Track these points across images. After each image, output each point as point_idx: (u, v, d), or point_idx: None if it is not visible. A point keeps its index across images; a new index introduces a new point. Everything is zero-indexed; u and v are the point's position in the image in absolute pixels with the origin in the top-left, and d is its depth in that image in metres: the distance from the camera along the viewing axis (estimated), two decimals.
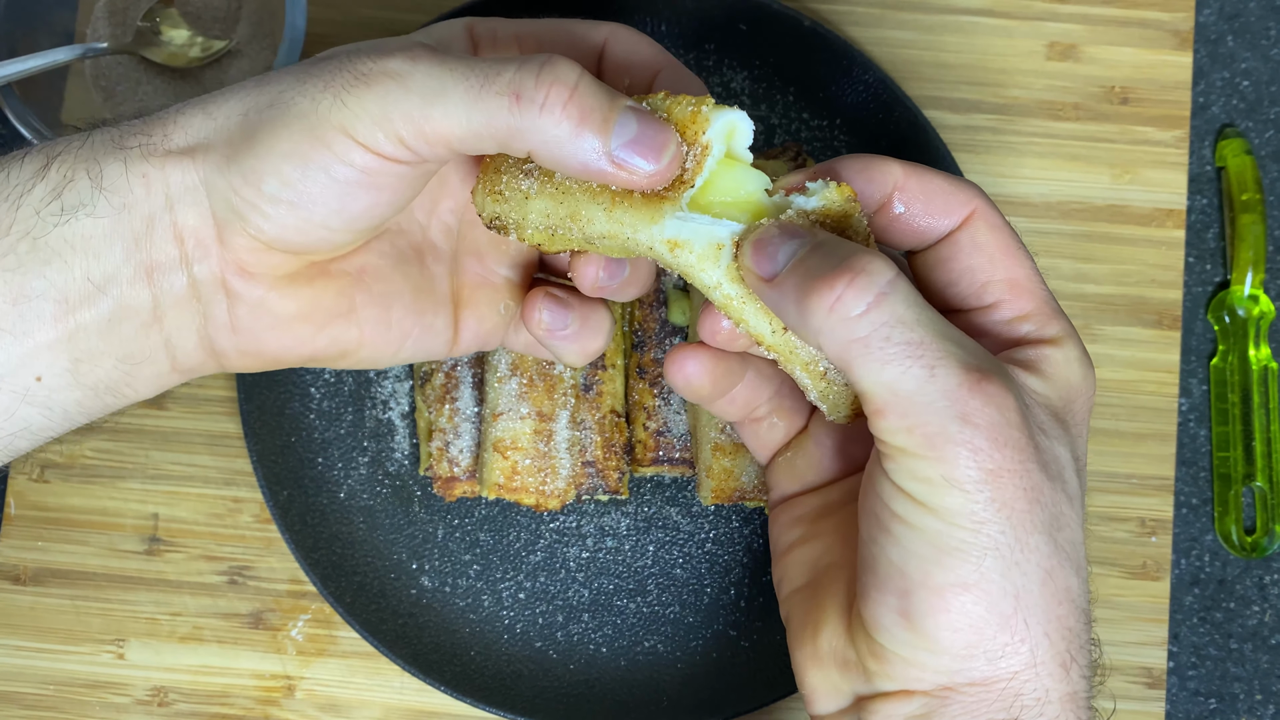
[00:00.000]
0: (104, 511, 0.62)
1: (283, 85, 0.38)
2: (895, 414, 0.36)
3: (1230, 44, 0.67)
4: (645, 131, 0.37)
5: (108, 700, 0.61)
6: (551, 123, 0.36)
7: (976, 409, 0.35)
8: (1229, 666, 0.63)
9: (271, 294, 0.40)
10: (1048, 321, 0.40)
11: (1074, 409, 0.39)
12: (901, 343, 0.35)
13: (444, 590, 0.60)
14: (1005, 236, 0.40)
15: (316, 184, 0.37)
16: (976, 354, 0.37)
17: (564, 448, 0.57)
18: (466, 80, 0.36)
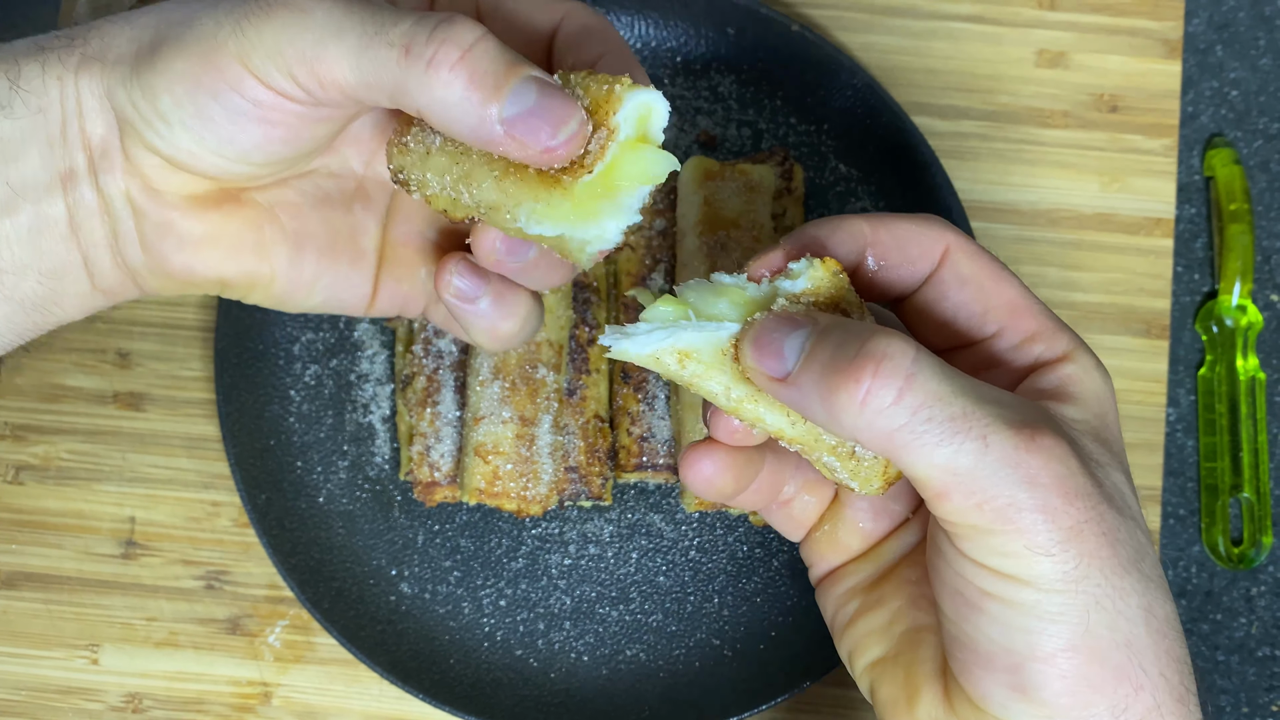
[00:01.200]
0: (79, 514, 0.61)
1: (196, 5, 0.38)
2: (960, 494, 0.34)
3: (1219, 54, 0.67)
4: (545, 103, 0.35)
5: (81, 706, 0.60)
6: (439, 82, 0.35)
7: (1039, 468, 0.34)
8: (1215, 679, 0.62)
9: (177, 214, 0.39)
10: (1055, 337, 0.39)
11: (1109, 423, 0.38)
12: (945, 419, 0.34)
13: (423, 597, 0.60)
14: (986, 262, 0.39)
15: (207, 109, 0.37)
16: (1017, 407, 0.35)
17: (546, 453, 0.56)
18: (363, 25, 0.35)
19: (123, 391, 0.62)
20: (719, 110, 0.62)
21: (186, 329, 0.62)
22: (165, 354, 0.62)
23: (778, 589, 0.59)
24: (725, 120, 0.62)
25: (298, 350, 0.61)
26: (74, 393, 0.62)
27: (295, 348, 0.61)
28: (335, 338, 0.61)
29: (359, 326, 0.61)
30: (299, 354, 0.61)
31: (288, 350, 0.61)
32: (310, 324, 0.61)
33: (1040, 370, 0.39)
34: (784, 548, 0.60)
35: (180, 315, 0.62)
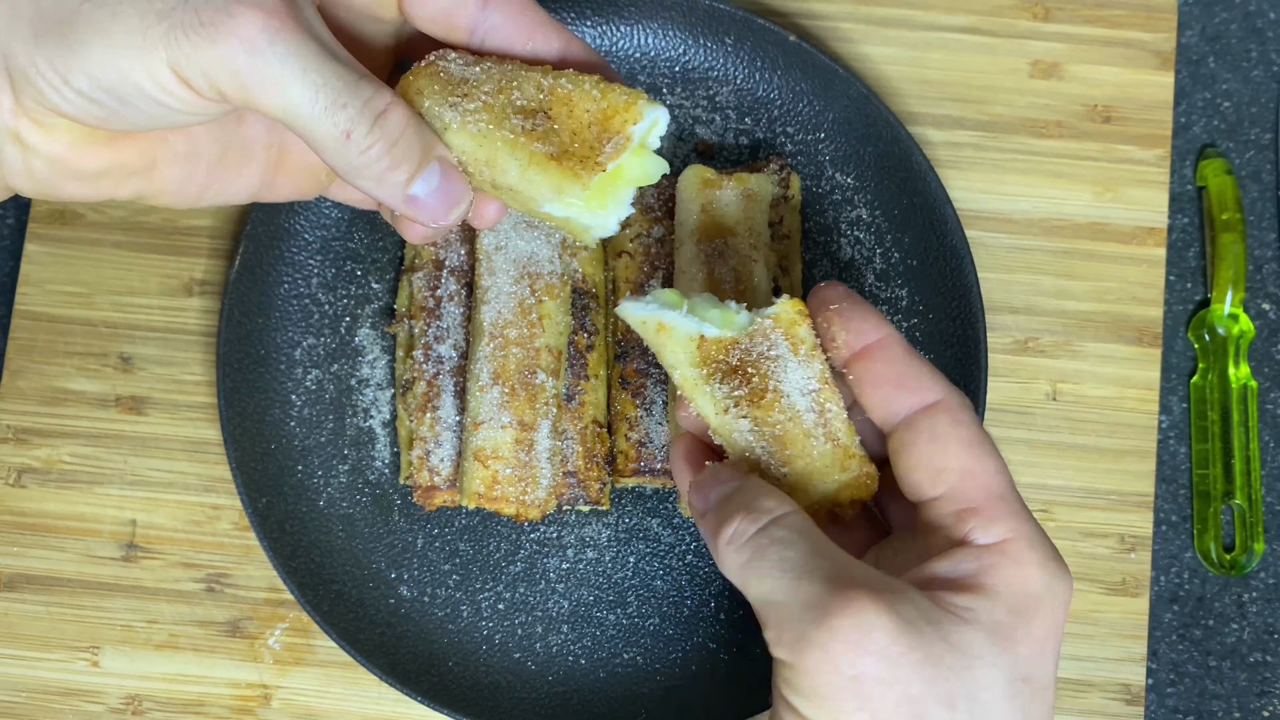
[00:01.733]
0: (81, 517, 0.61)
1: None
2: (771, 624, 0.37)
3: (1212, 65, 0.67)
4: (446, 186, 0.41)
5: (81, 708, 0.60)
6: (366, 167, 0.39)
7: (836, 613, 0.36)
8: (1208, 684, 0.63)
9: (70, 152, 0.40)
10: (997, 521, 0.38)
11: (1028, 623, 0.38)
12: (776, 559, 0.38)
13: (423, 600, 0.60)
14: (969, 431, 0.40)
15: (130, 96, 0.37)
16: (854, 570, 0.37)
17: (545, 457, 0.57)
18: (315, 94, 0.37)
19: (125, 395, 0.62)
20: (716, 119, 0.63)
21: (188, 334, 0.63)
22: (167, 358, 0.63)
23: None
24: (723, 129, 0.63)
25: (299, 355, 0.61)
26: (76, 396, 0.62)
27: (296, 353, 0.61)
28: (336, 343, 0.62)
29: (360, 332, 0.62)
30: (300, 359, 0.61)
31: (289, 355, 0.61)
32: (311, 330, 0.62)
33: (958, 552, 0.39)
34: None
35: (183, 320, 0.63)
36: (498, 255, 0.57)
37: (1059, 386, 0.63)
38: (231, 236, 0.63)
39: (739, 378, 0.43)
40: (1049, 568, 0.38)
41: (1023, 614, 0.37)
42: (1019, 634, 0.37)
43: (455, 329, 0.59)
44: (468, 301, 0.59)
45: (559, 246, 0.58)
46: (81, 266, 0.63)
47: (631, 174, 0.42)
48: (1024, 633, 0.37)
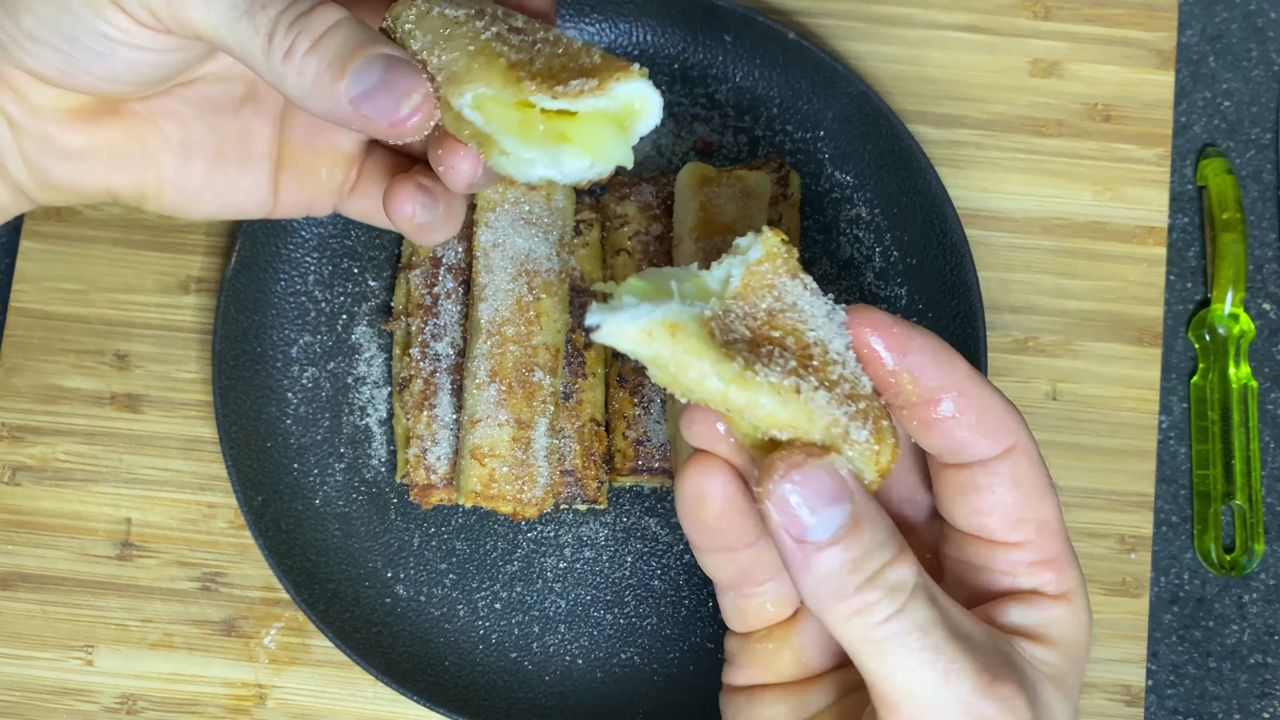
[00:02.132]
0: (76, 515, 0.61)
1: None
2: (908, 715, 0.34)
3: (1212, 64, 0.67)
4: (390, 79, 0.36)
5: (75, 708, 0.60)
6: (293, 69, 0.36)
7: (990, 715, 0.34)
8: (1208, 685, 0.62)
9: (55, 127, 0.39)
10: (1064, 572, 0.38)
11: (1077, 671, 0.38)
12: (918, 648, 0.34)
13: (419, 599, 0.60)
14: (1042, 474, 0.38)
15: (73, 29, 0.37)
16: (988, 650, 0.35)
17: (542, 456, 0.56)
18: (233, 9, 0.36)
19: (120, 393, 0.62)
20: (716, 117, 0.63)
21: (184, 331, 0.63)
22: (163, 356, 0.62)
23: None
24: (722, 127, 0.63)
25: (295, 353, 0.61)
26: (71, 394, 0.62)
27: (293, 350, 0.61)
28: (333, 341, 0.61)
29: (357, 330, 0.62)
30: (296, 356, 0.61)
31: (285, 353, 0.61)
32: (308, 327, 0.61)
33: (1035, 600, 0.38)
34: None
35: (178, 318, 0.63)
36: (495, 253, 0.57)
37: (1059, 386, 0.63)
38: (228, 234, 0.63)
39: (774, 346, 0.34)
40: (1089, 615, 0.39)
41: (1074, 663, 0.38)
42: (1070, 681, 0.38)
43: (452, 327, 0.59)
44: (465, 299, 0.59)
45: (557, 244, 0.58)
46: (78, 263, 0.63)
47: (585, 136, 0.36)
48: (1072, 679, 0.38)
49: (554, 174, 0.36)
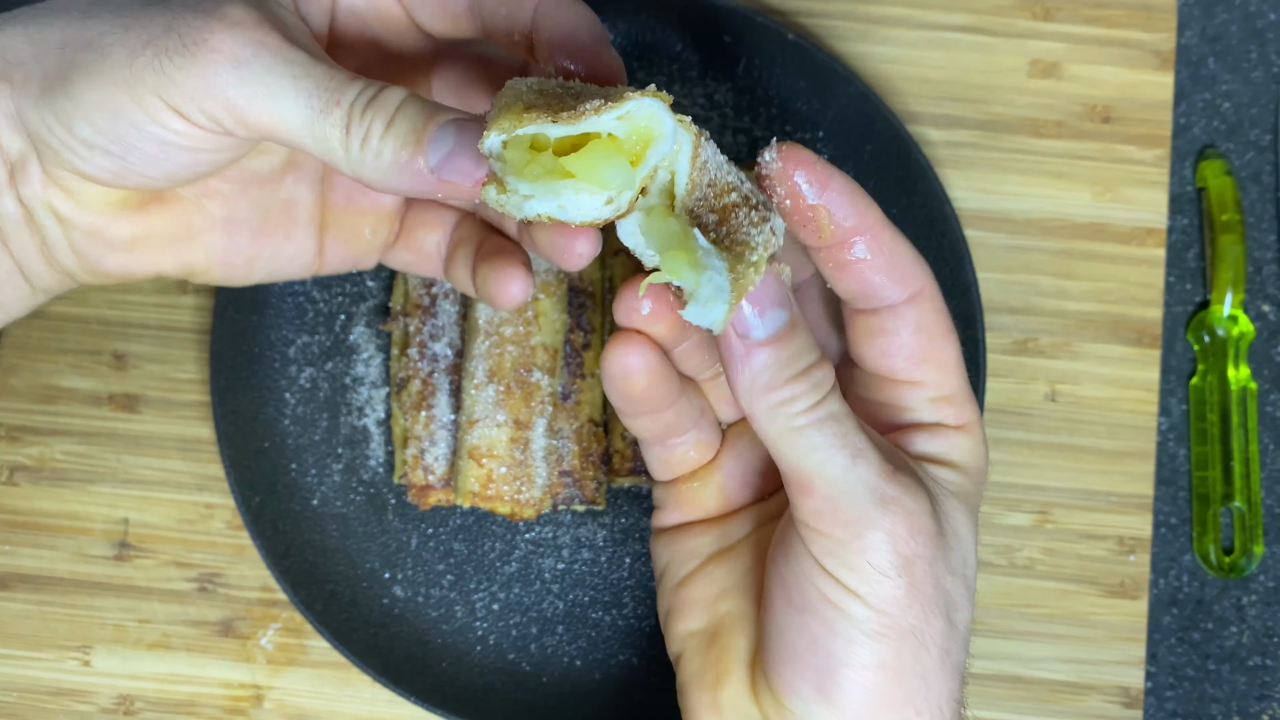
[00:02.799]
0: (73, 516, 0.61)
1: (103, 26, 0.37)
2: (820, 497, 0.38)
3: (1212, 66, 0.67)
4: (462, 139, 0.36)
5: (72, 708, 0.60)
6: (371, 155, 0.36)
7: (893, 497, 0.38)
8: (1206, 688, 0.62)
9: (102, 220, 0.39)
10: (964, 406, 0.42)
11: (978, 489, 0.43)
12: (833, 435, 0.38)
13: (417, 600, 0.60)
14: (945, 319, 0.42)
15: (130, 136, 0.37)
16: (890, 453, 0.40)
17: (540, 456, 0.56)
18: (308, 100, 0.36)
19: (118, 393, 0.62)
20: (714, 118, 0.63)
21: (182, 331, 0.62)
22: (160, 356, 0.62)
23: None
24: (721, 128, 0.63)
25: (293, 353, 0.61)
26: (69, 394, 0.62)
27: (290, 350, 0.61)
28: (331, 341, 0.61)
29: (355, 330, 0.61)
30: (294, 357, 0.61)
31: (283, 353, 0.61)
32: (306, 327, 0.61)
33: (937, 430, 0.42)
34: None
35: (176, 318, 0.63)
36: None
37: (1058, 387, 0.62)
38: None
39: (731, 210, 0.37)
40: (984, 446, 0.43)
41: (977, 483, 0.43)
42: (974, 499, 0.42)
43: (450, 327, 0.59)
44: (463, 299, 0.59)
45: None
46: None
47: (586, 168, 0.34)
48: (973, 500, 0.42)
49: (553, 209, 0.34)
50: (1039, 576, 0.61)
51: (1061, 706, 0.60)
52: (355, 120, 0.36)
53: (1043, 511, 0.61)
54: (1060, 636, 0.61)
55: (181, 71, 0.35)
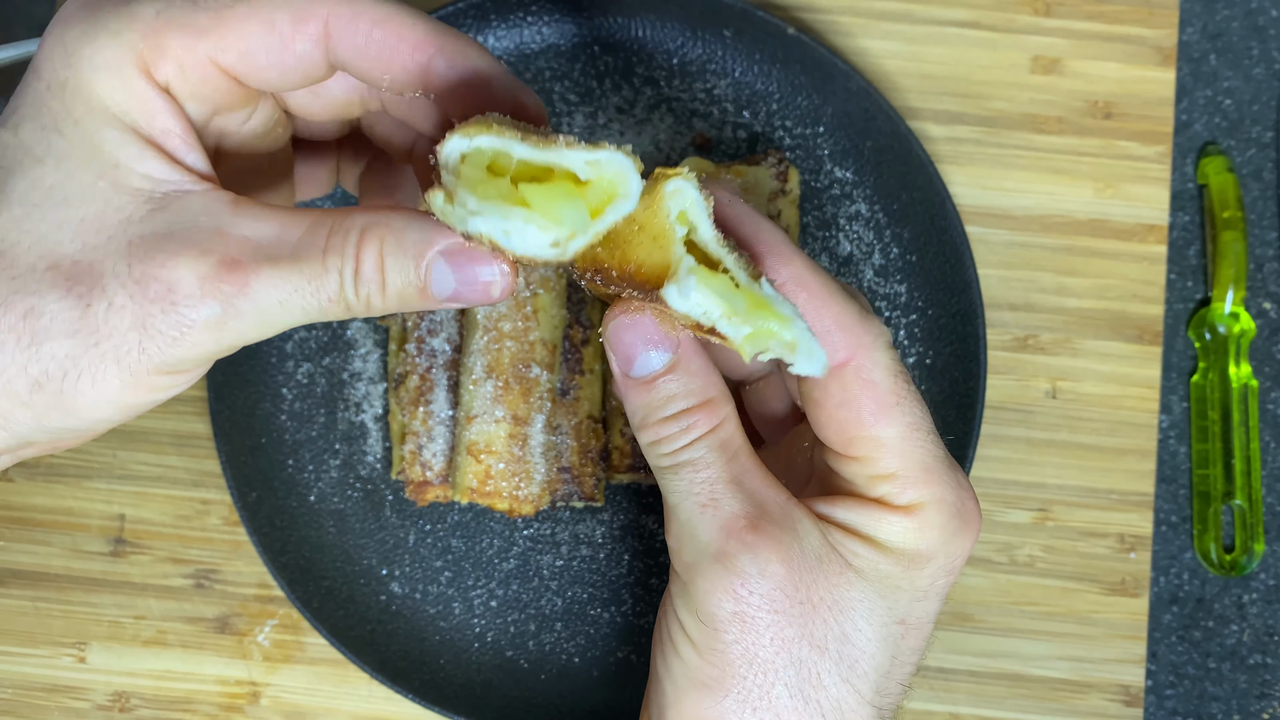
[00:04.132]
0: (69, 511, 0.61)
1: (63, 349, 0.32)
2: (672, 535, 0.38)
3: (1213, 63, 0.67)
4: (462, 273, 0.35)
5: (66, 705, 0.59)
6: (384, 307, 0.35)
7: (729, 552, 0.37)
8: (1207, 686, 0.62)
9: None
10: (912, 488, 0.39)
11: (914, 575, 0.39)
12: (688, 481, 0.38)
13: (414, 597, 0.59)
14: (878, 392, 0.38)
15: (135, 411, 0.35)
16: (767, 512, 0.38)
17: (539, 452, 0.56)
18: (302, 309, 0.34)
19: None
20: (714, 113, 0.62)
21: None
22: None
23: None
24: (721, 123, 0.62)
25: (290, 348, 0.61)
26: None
27: (288, 345, 0.61)
28: (328, 336, 0.61)
29: (352, 325, 0.61)
30: (291, 352, 0.61)
31: (280, 348, 0.60)
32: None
33: (871, 506, 0.39)
34: None
35: None
36: None
37: (1058, 384, 0.62)
38: None
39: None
40: (951, 527, 0.39)
41: (910, 567, 0.39)
42: (903, 583, 0.39)
43: (449, 322, 0.58)
44: None
45: None
46: None
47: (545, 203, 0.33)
48: (908, 582, 0.39)
49: (497, 233, 0.33)
50: (1039, 574, 0.61)
51: (1062, 705, 0.60)
52: (352, 299, 0.35)
53: (1043, 509, 0.61)
54: (1061, 634, 0.60)
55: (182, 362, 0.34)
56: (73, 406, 0.33)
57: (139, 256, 0.32)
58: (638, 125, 0.62)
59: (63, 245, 0.31)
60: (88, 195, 0.31)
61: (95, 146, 0.31)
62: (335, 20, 0.33)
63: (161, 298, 0.32)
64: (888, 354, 0.39)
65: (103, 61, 0.31)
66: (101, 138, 0.31)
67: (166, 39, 0.32)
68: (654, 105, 0.62)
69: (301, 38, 0.33)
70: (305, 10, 0.33)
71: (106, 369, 0.32)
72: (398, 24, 0.34)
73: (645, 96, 0.62)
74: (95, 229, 0.31)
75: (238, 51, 0.33)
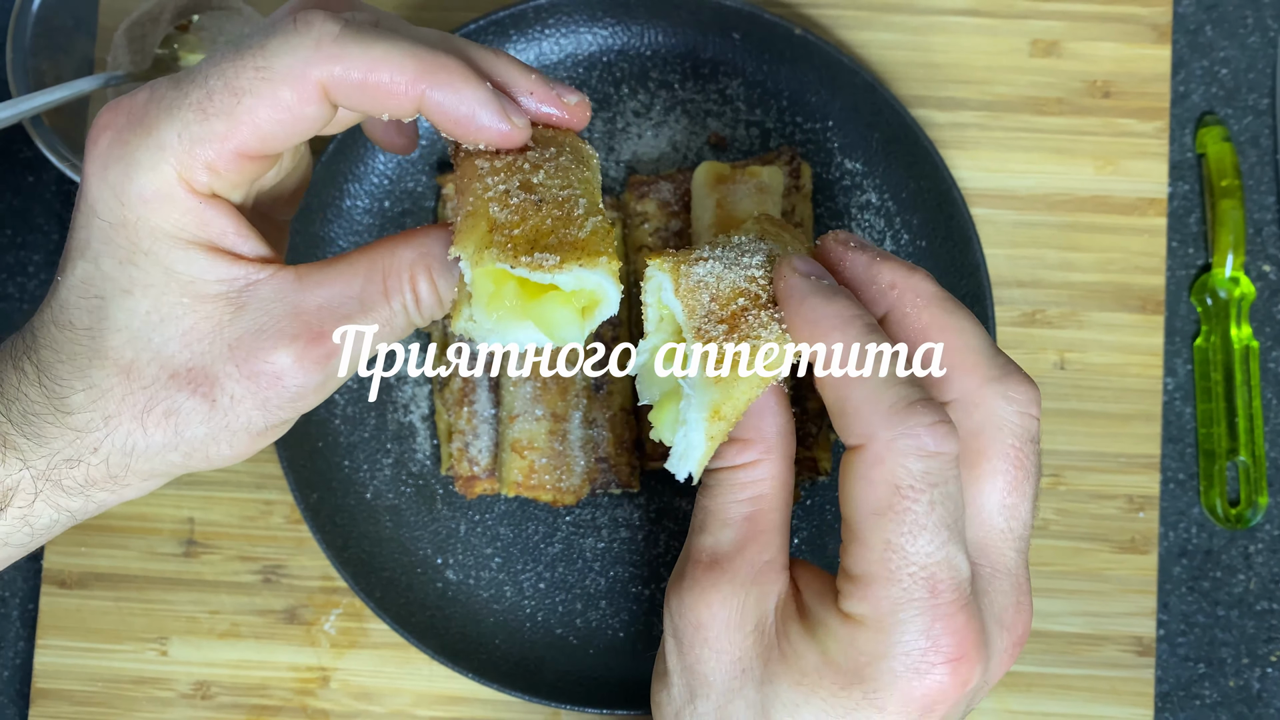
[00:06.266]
0: (142, 517, 0.65)
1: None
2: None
3: (1209, 33, 0.69)
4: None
5: (154, 695, 0.64)
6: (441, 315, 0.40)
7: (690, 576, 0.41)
8: (1216, 633, 0.65)
9: None
10: (866, 599, 0.36)
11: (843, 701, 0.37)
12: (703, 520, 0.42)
13: (468, 583, 0.63)
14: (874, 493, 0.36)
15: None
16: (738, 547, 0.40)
17: (578, 446, 0.59)
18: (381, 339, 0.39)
19: None
20: (727, 112, 0.65)
21: None
22: None
23: None
24: (734, 121, 0.65)
25: None
26: None
27: None
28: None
29: None
30: None
31: None
32: None
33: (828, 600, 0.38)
34: (803, 526, 0.63)
35: None
36: None
37: (1066, 356, 0.65)
38: None
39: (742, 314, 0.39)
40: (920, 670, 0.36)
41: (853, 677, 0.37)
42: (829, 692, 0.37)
43: None
44: None
45: None
46: None
47: (543, 314, 0.37)
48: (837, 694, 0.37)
49: (509, 345, 0.38)
50: (1053, 536, 0.64)
51: (1079, 657, 0.64)
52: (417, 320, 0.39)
53: (1055, 475, 0.64)
54: (1076, 591, 0.64)
55: (296, 417, 0.40)
56: (214, 461, 0.39)
57: (242, 358, 0.36)
58: (655, 127, 0.65)
59: (175, 357, 0.36)
60: (178, 313, 0.36)
61: (169, 270, 0.35)
62: (330, 80, 0.36)
63: (273, 384, 0.37)
64: (905, 460, 0.36)
65: (151, 194, 0.35)
66: (171, 260, 0.36)
67: (195, 155, 0.35)
68: (669, 108, 0.65)
69: (306, 103, 0.36)
70: (303, 79, 0.35)
71: (236, 438, 0.38)
72: (388, 69, 0.36)
73: (661, 100, 0.65)
74: (195, 339, 0.36)
75: (257, 138, 0.36)
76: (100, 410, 0.37)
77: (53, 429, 0.37)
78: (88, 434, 0.37)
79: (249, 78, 0.35)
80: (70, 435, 0.37)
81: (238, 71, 0.35)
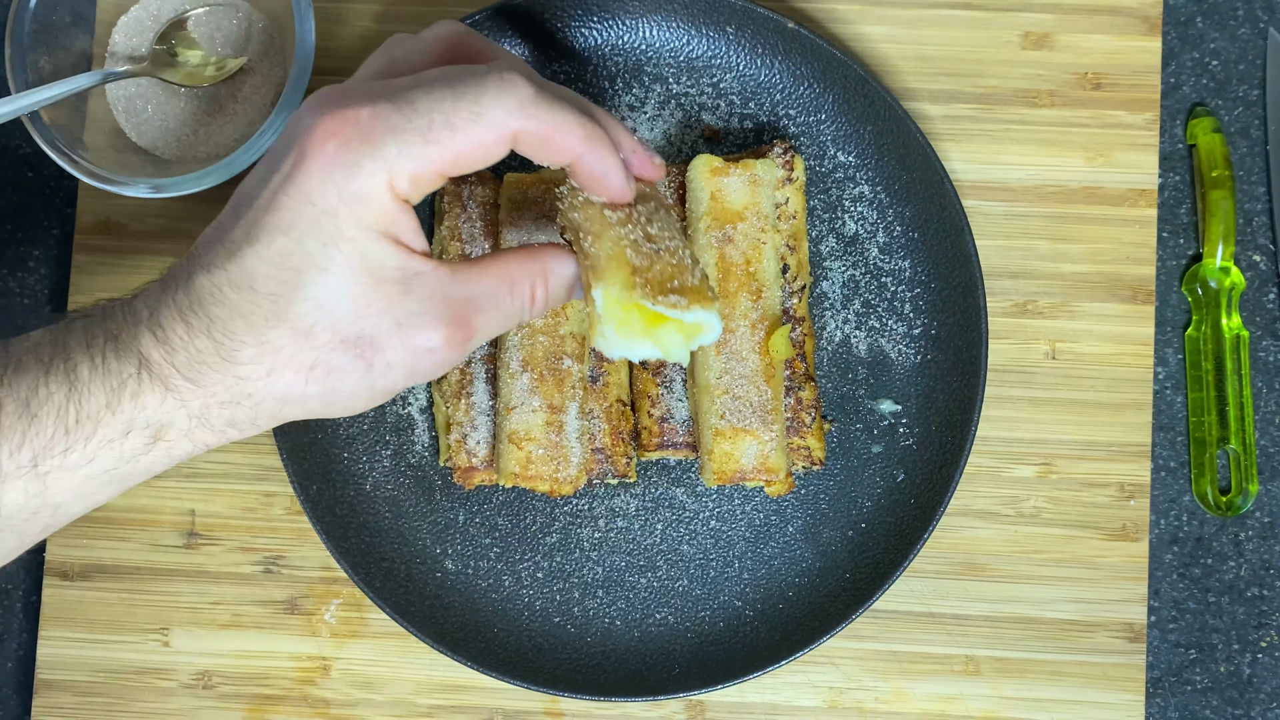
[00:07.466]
0: (143, 509, 0.66)
1: None
2: None
3: (1199, 25, 0.69)
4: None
5: (156, 685, 0.65)
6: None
7: None
8: (1207, 619, 0.66)
9: None
10: None
11: None
12: None
13: (466, 572, 0.64)
14: None
15: None
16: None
17: (575, 437, 0.60)
18: (504, 328, 0.47)
19: None
20: (721, 105, 0.65)
21: None
22: None
23: (793, 553, 0.64)
24: (728, 115, 0.66)
25: None
26: None
27: None
28: None
29: None
30: None
31: None
32: None
33: None
34: (798, 515, 0.64)
35: None
36: None
37: (1057, 346, 0.66)
38: None
39: None
40: None
41: None
42: None
43: None
44: None
45: None
46: (130, 275, 0.66)
47: (661, 337, 0.47)
48: None
49: (630, 357, 0.48)
50: (1045, 524, 0.65)
51: (1071, 644, 0.64)
52: (528, 318, 0.48)
53: (1047, 463, 0.65)
54: (1067, 579, 0.65)
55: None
56: (342, 410, 0.47)
57: (407, 334, 0.44)
58: (649, 121, 0.65)
59: (350, 326, 0.44)
60: (361, 291, 0.43)
61: (364, 256, 0.43)
62: (522, 132, 0.44)
63: (426, 357, 0.45)
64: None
65: (367, 195, 0.43)
66: (368, 249, 0.43)
67: (406, 169, 0.43)
68: (664, 102, 0.65)
69: (500, 145, 0.44)
70: (504, 127, 0.44)
71: (375, 395, 0.46)
72: (564, 133, 0.45)
73: (655, 94, 0.65)
74: (371, 314, 0.44)
75: (455, 163, 0.44)
76: (267, 364, 0.44)
77: (215, 375, 0.44)
78: (249, 382, 0.44)
79: (464, 118, 0.43)
80: (231, 381, 0.44)
81: (456, 110, 0.43)
